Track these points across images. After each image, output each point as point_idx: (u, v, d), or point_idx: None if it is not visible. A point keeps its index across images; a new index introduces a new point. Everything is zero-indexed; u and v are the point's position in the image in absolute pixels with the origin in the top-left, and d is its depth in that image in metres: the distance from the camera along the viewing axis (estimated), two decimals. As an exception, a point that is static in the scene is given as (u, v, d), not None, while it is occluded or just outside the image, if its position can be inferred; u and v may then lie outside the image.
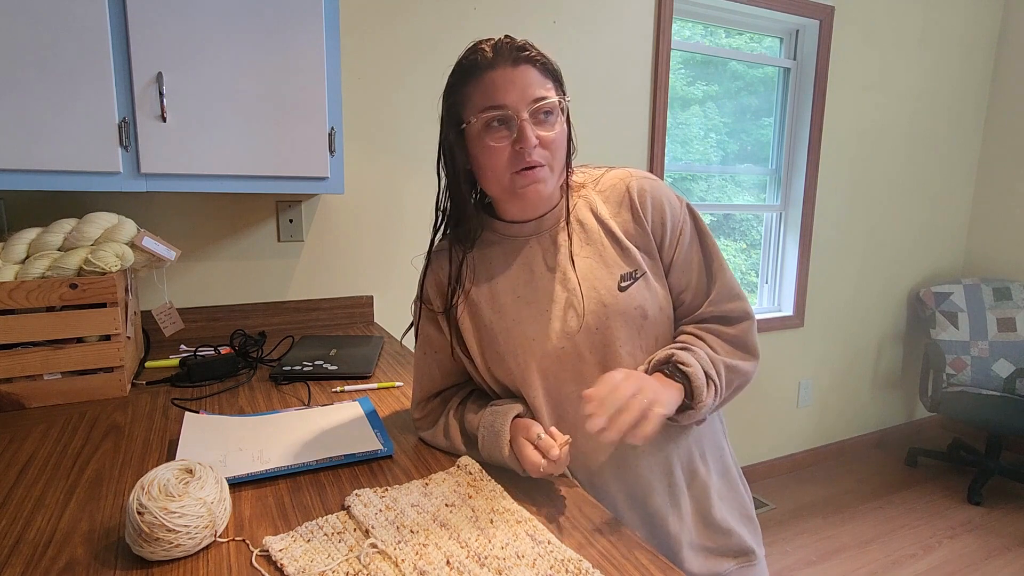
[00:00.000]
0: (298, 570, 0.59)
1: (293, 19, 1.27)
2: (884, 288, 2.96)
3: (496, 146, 0.76)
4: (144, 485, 0.61)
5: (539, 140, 0.75)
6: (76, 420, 0.98)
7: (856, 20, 2.54)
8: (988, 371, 2.75)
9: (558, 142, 0.77)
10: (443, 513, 0.69)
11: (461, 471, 0.79)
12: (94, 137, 1.14)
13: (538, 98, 0.75)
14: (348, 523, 0.68)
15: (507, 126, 0.75)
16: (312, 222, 1.67)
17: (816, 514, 2.45)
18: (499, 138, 0.75)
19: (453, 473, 0.79)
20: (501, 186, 0.78)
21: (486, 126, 0.76)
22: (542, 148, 0.76)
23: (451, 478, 0.78)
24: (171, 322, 1.36)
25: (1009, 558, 2.16)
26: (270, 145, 1.29)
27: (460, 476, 0.78)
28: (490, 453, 0.79)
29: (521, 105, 0.74)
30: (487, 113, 0.75)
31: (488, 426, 0.79)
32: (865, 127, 2.70)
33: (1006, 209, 3.00)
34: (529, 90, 0.75)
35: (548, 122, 0.76)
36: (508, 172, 0.77)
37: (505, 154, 0.76)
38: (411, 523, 0.67)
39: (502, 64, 0.74)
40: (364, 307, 1.75)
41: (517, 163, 0.76)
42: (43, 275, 1.04)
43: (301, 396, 1.10)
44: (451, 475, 0.79)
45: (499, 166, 0.77)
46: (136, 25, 1.15)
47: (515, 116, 0.74)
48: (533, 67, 0.75)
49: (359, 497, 0.71)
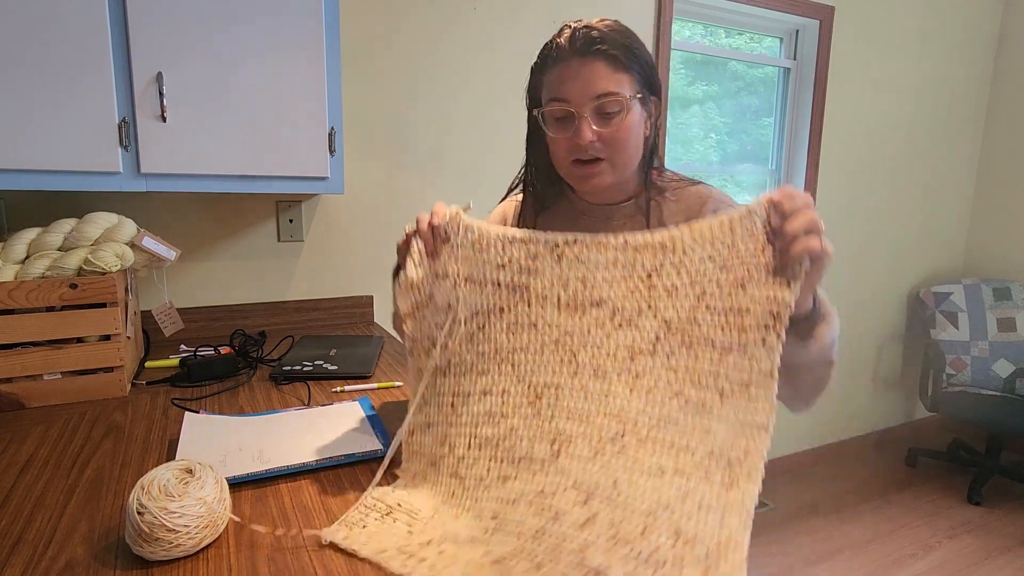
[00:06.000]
0: (375, 551, 0.60)
1: (293, 19, 1.27)
2: (884, 288, 2.96)
3: (557, 137, 0.79)
4: (144, 485, 0.61)
5: (598, 135, 0.77)
6: (76, 420, 0.98)
7: (856, 20, 2.54)
8: (988, 371, 2.75)
9: (619, 138, 0.77)
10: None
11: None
12: (94, 137, 1.14)
13: (602, 94, 0.75)
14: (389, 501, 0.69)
15: (569, 119, 0.78)
16: (312, 222, 1.67)
17: (816, 514, 2.45)
18: (560, 130, 0.79)
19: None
20: (564, 172, 0.83)
21: (551, 116, 0.79)
22: (601, 143, 0.77)
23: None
24: (171, 322, 1.36)
25: (1009, 558, 2.16)
26: (270, 145, 1.29)
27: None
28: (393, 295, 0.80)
29: (583, 100, 0.76)
30: (551, 105, 0.78)
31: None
32: (865, 127, 2.70)
33: (1006, 209, 3.00)
34: (593, 85, 0.75)
35: (611, 117, 0.76)
36: (567, 162, 0.80)
37: (565, 145, 0.79)
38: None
39: (572, 56, 0.77)
40: (364, 307, 1.75)
41: (575, 155, 0.79)
42: (43, 275, 1.04)
43: (301, 396, 1.10)
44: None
45: (560, 154, 0.81)
46: (136, 25, 1.15)
47: (576, 111, 0.76)
48: (604, 60, 0.76)
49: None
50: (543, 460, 0.64)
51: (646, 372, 0.64)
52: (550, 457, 0.64)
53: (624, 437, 0.63)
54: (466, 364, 0.72)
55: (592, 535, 0.58)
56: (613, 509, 0.59)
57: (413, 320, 0.74)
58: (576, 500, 0.61)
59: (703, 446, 0.60)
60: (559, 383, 0.67)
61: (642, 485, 0.60)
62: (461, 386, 0.72)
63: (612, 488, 0.60)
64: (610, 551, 0.56)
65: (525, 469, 0.65)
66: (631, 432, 0.63)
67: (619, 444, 0.62)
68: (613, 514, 0.59)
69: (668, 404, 0.63)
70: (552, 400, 0.67)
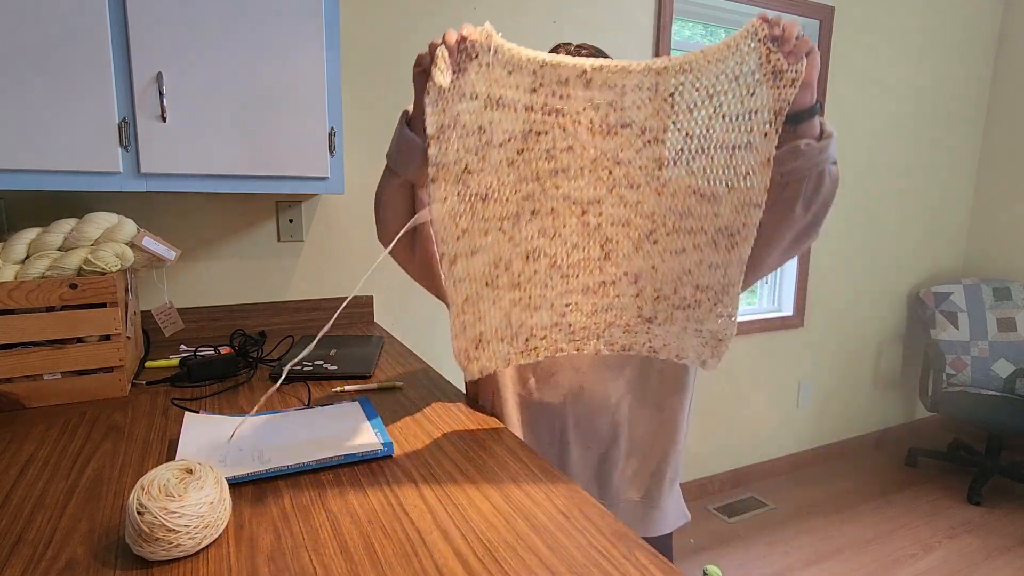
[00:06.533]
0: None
1: (293, 19, 1.27)
2: (884, 288, 2.96)
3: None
4: (144, 485, 0.61)
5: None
6: (76, 420, 0.98)
7: (856, 20, 2.54)
8: (988, 371, 2.75)
9: None
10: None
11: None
12: (94, 137, 1.14)
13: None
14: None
15: None
16: (312, 222, 1.67)
17: (816, 514, 2.45)
18: None
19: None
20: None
21: None
22: None
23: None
24: (171, 322, 1.36)
25: (1009, 558, 2.16)
26: (270, 145, 1.29)
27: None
28: (395, 148, 0.83)
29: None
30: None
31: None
32: (865, 127, 2.70)
33: (1006, 209, 3.00)
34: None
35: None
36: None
37: None
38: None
39: None
40: (364, 307, 1.75)
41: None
42: (43, 275, 1.04)
43: (301, 396, 1.10)
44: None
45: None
46: (136, 25, 1.15)
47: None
48: None
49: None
50: (598, 259, 0.83)
51: (672, 178, 0.78)
52: (603, 257, 0.83)
53: (656, 232, 0.81)
54: (509, 187, 0.78)
55: (641, 300, 0.84)
56: (654, 282, 0.83)
57: (438, 144, 0.74)
58: (629, 282, 0.84)
59: (712, 226, 0.79)
60: (600, 197, 0.80)
61: (671, 262, 0.82)
62: (507, 209, 0.78)
63: (652, 270, 0.83)
64: (655, 306, 0.84)
65: (584, 269, 0.83)
66: (661, 227, 0.81)
67: (653, 238, 0.81)
68: (654, 285, 0.84)
69: (687, 200, 0.79)
70: (596, 213, 0.80)
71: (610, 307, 0.85)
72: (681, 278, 0.82)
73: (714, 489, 2.61)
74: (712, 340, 0.84)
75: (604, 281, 0.83)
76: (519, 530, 0.67)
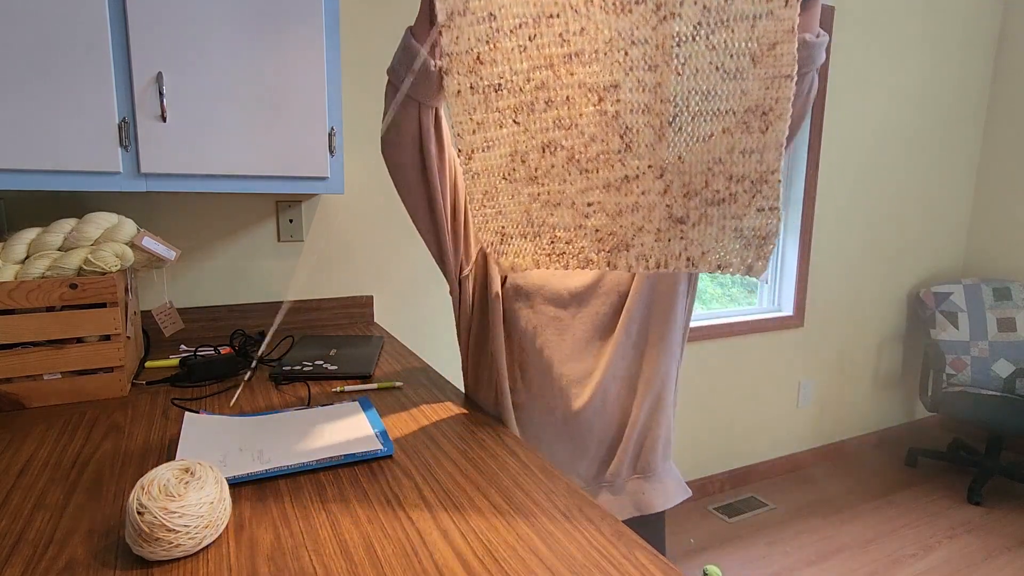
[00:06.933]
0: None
1: (293, 19, 1.27)
2: (884, 288, 2.96)
3: None
4: (144, 485, 0.61)
5: None
6: (76, 420, 0.98)
7: (856, 20, 2.54)
8: (988, 371, 2.75)
9: None
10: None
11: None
12: (94, 137, 1.14)
13: None
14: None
15: None
16: (312, 222, 1.67)
17: (816, 514, 2.45)
18: None
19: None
20: None
21: None
22: None
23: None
24: (171, 322, 1.36)
25: (1009, 558, 2.16)
26: (270, 145, 1.29)
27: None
28: (397, 59, 0.81)
29: None
30: None
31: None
32: (865, 127, 2.70)
33: (1006, 209, 3.01)
34: None
35: None
36: None
37: None
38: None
39: None
40: (364, 307, 1.75)
41: None
42: (43, 275, 1.04)
43: (301, 396, 1.10)
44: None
45: None
46: (136, 25, 1.15)
47: None
48: None
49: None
50: (619, 151, 0.76)
51: (691, 56, 0.72)
52: (624, 148, 0.76)
53: (680, 118, 0.74)
54: (522, 76, 0.75)
55: (669, 198, 0.76)
56: (682, 175, 0.76)
57: (449, 32, 0.74)
58: (654, 176, 0.76)
59: (741, 106, 0.72)
60: (617, 81, 0.74)
61: (699, 150, 0.74)
62: (520, 99, 0.76)
63: (678, 161, 0.75)
64: (686, 203, 0.76)
65: (604, 163, 0.77)
66: (684, 111, 0.74)
67: (677, 124, 0.75)
68: (682, 179, 0.76)
69: (710, 78, 0.72)
70: (614, 99, 0.75)
71: (636, 207, 0.78)
72: (712, 168, 0.75)
73: (714, 489, 2.61)
74: (755, 239, 0.76)
75: (627, 176, 0.77)
76: (519, 530, 0.67)
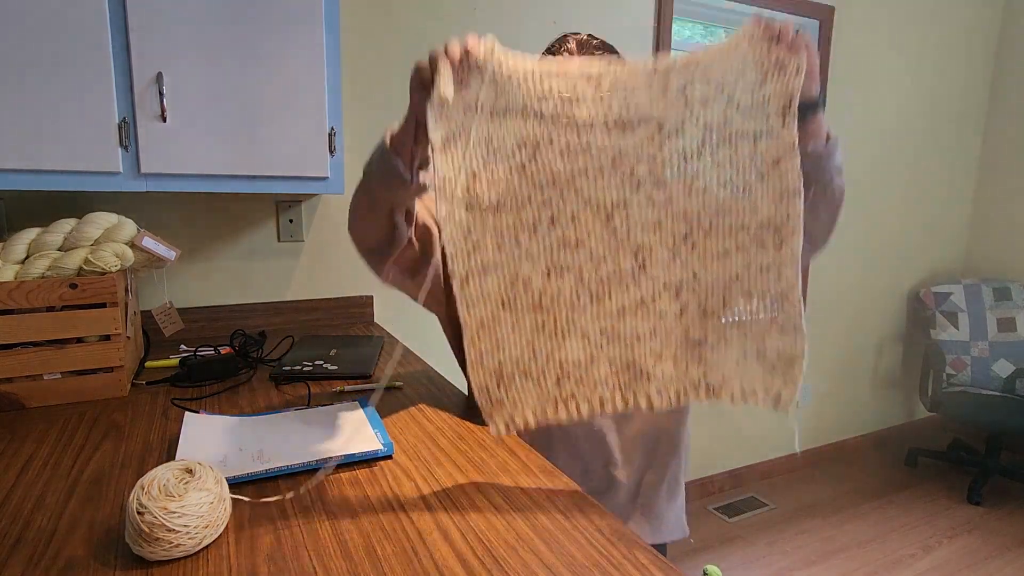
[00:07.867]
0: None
1: (293, 19, 1.27)
2: (884, 288, 2.96)
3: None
4: (144, 485, 0.61)
5: None
6: (76, 420, 0.98)
7: (856, 20, 2.54)
8: (988, 371, 2.75)
9: None
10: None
11: None
12: (94, 137, 1.14)
13: None
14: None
15: None
16: (312, 222, 1.67)
17: (816, 514, 2.45)
18: None
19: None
20: None
21: None
22: None
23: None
24: (171, 322, 1.36)
25: (1009, 558, 2.16)
26: (270, 145, 1.29)
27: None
28: (375, 168, 0.80)
29: None
30: None
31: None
32: (865, 127, 2.70)
33: (1006, 209, 3.00)
34: None
35: None
36: None
37: None
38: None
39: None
40: (364, 307, 1.75)
41: None
42: (43, 275, 1.04)
43: (301, 396, 1.10)
44: None
45: None
46: (136, 25, 1.15)
47: None
48: None
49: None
50: (631, 271, 0.74)
51: (698, 173, 0.73)
52: (638, 268, 0.74)
53: (692, 234, 0.73)
54: (523, 196, 0.73)
55: (687, 319, 0.74)
56: (698, 295, 0.74)
57: (443, 155, 0.71)
58: (670, 298, 0.74)
59: (754, 222, 0.72)
60: (626, 198, 0.73)
61: (714, 269, 0.73)
62: (523, 219, 0.73)
63: (693, 279, 0.74)
64: (703, 324, 0.74)
65: (616, 285, 0.74)
66: (697, 228, 0.73)
67: (690, 241, 0.73)
68: (699, 298, 0.74)
69: (720, 195, 0.73)
70: (623, 216, 0.73)
71: (654, 332, 0.74)
72: (729, 287, 0.73)
73: (714, 489, 2.61)
74: (780, 363, 0.71)
75: (643, 298, 0.73)
76: (519, 530, 0.67)
